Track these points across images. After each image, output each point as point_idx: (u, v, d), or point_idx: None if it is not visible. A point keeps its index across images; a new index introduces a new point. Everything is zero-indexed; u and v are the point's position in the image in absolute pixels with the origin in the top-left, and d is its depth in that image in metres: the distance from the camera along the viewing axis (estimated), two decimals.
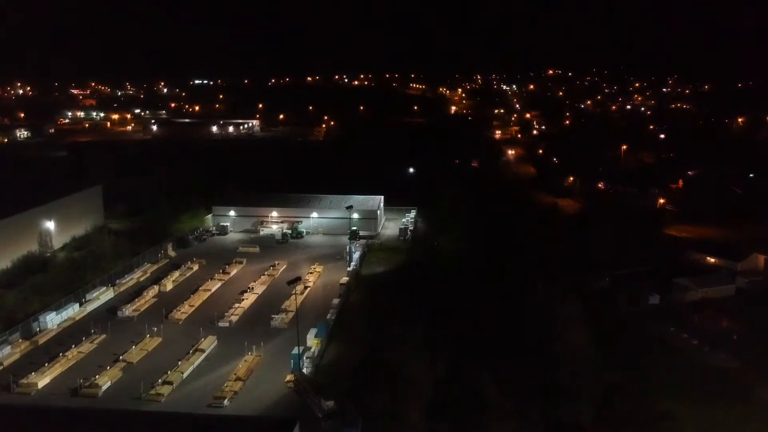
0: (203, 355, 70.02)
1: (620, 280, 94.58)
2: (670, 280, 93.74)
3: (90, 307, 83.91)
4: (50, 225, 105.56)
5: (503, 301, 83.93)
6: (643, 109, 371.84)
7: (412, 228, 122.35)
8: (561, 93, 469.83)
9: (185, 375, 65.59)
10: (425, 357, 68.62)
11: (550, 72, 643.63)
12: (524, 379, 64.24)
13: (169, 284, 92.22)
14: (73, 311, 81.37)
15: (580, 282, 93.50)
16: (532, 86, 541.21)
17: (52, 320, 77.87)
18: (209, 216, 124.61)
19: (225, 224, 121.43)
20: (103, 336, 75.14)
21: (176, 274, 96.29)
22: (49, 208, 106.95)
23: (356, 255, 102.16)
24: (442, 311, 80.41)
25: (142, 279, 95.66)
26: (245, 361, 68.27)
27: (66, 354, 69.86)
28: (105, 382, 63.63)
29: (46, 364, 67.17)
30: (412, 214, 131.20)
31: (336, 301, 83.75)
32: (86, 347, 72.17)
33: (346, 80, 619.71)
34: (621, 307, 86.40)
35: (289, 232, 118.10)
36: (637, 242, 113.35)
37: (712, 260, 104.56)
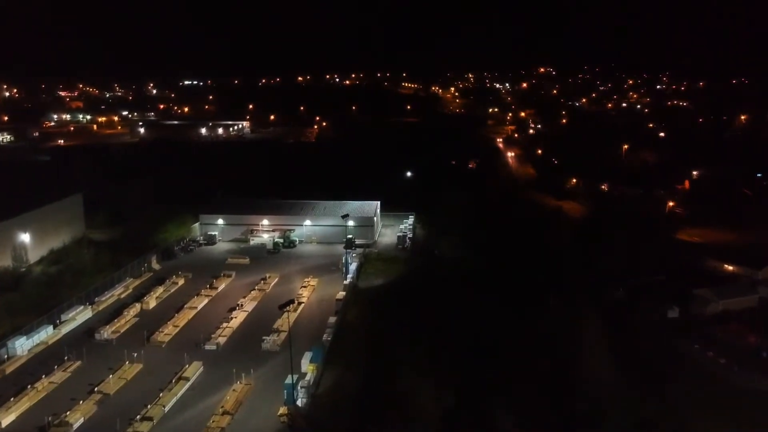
0: (187, 384, 63.56)
1: (636, 291, 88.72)
2: (688, 290, 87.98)
3: (65, 329, 77.16)
4: (25, 237, 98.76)
5: (514, 317, 77.98)
6: (639, 107, 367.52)
7: (410, 235, 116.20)
8: (555, 91, 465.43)
9: (167, 409, 59.12)
10: (432, 383, 62.85)
11: (542, 70, 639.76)
12: (543, 410, 58.20)
13: (152, 301, 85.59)
14: (46, 334, 74.51)
15: (593, 293, 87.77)
16: (524, 84, 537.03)
17: (22, 346, 71.07)
18: (196, 225, 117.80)
19: (213, 233, 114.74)
20: (78, 363, 68.55)
21: (160, 289, 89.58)
22: (24, 219, 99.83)
23: (353, 266, 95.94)
24: (447, 329, 74.52)
25: (123, 296, 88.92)
26: (234, 390, 61.94)
27: (35, 385, 63.20)
28: (77, 418, 57.06)
29: (12, 398, 60.52)
30: (410, 220, 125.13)
31: (332, 319, 77.51)
32: (59, 376, 65.53)
33: (337, 80, 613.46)
34: (640, 322, 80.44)
35: (281, 241, 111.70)
36: (648, 249, 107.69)
37: (730, 268, 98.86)
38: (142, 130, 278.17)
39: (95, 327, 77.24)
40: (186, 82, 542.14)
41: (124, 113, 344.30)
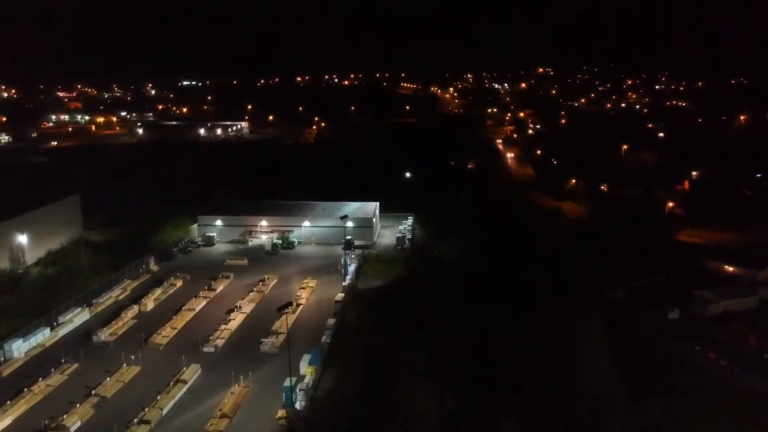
0: (185, 387, 63.12)
1: (636, 292, 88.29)
2: (689, 291, 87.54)
3: (62, 331, 76.76)
4: (23, 239, 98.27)
5: (514, 317, 77.55)
6: (638, 107, 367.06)
7: (409, 236, 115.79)
8: (554, 92, 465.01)
9: (165, 412, 58.71)
10: (431, 386, 62.40)
11: (541, 70, 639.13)
12: (543, 411, 57.75)
13: (149, 303, 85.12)
14: (43, 337, 74.10)
15: (593, 294, 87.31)
16: (523, 84, 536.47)
17: (19, 348, 70.63)
18: (194, 226, 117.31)
19: (211, 234, 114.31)
20: (75, 365, 68.13)
21: (158, 291, 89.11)
22: (22, 220, 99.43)
23: (351, 267, 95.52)
24: (447, 330, 74.08)
25: (120, 297, 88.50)
26: (232, 393, 61.52)
27: (32, 388, 62.78)
28: (74, 422, 56.64)
29: (9, 402, 60.13)
30: (410, 220, 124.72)
31: (331, 321, 77.06)
32: (56, 379, 65.13)
33: (336, 80, 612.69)
34: (641, 323, 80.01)
35: (280, 242, 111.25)
36: (648, 249, 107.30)
37: (731, 269, 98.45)
38: (140, 130, 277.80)
39: (93, 329, 76.81)
40: (184, 83, 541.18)
41: (123, 114, 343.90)
